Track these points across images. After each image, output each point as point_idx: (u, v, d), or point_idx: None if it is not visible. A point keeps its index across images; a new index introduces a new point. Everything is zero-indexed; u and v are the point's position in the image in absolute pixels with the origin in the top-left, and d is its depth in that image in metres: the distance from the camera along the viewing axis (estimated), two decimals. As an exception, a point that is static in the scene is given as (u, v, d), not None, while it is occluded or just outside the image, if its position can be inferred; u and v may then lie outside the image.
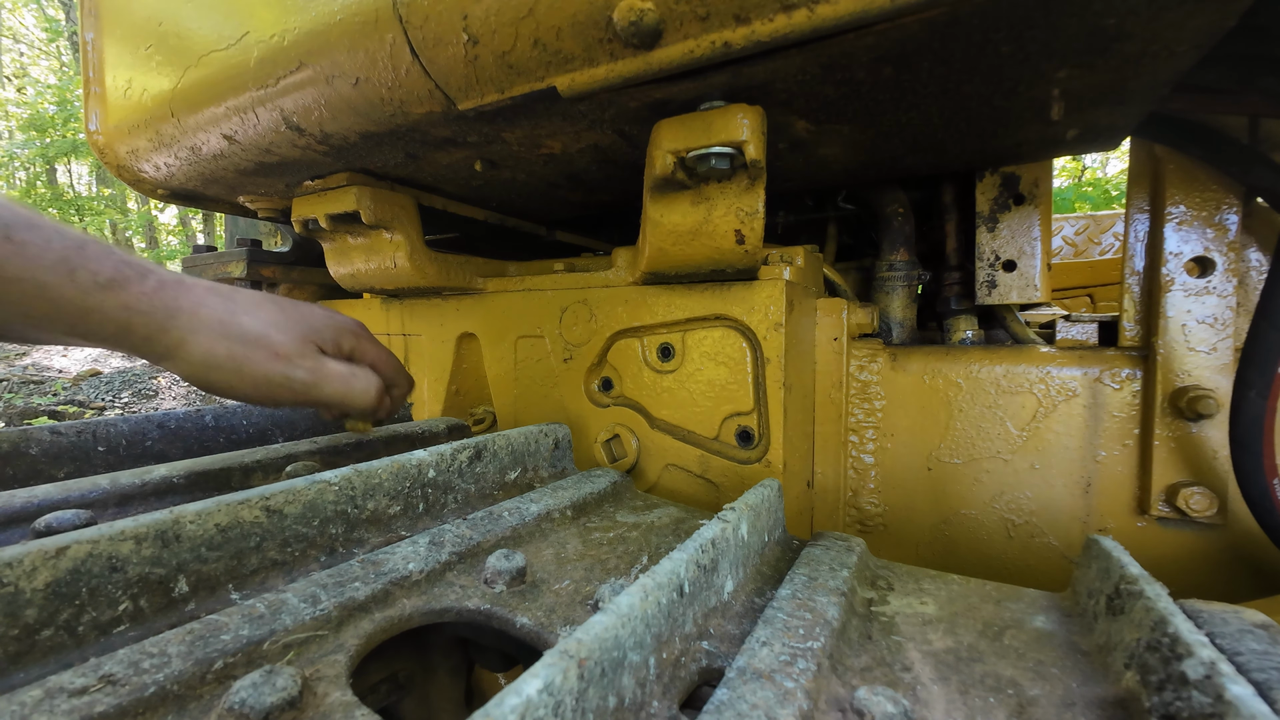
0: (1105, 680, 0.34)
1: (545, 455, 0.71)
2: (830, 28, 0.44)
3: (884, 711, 0.30)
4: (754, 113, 0.55)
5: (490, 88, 0.57)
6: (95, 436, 0.72)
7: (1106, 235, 2.06)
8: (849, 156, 0.76)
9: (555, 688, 0.23)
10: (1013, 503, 0.80)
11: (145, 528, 0.37)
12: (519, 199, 0.98)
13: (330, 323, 0.64)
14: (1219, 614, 0.35)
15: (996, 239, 0.84)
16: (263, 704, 0.28)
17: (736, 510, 0.45)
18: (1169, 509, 0.72)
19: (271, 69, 0.64)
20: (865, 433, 0.88)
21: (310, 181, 0.85)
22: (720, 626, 0.38)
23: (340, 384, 0.61)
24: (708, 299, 0.73)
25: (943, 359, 0.84)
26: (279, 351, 0.57)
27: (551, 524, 0.56)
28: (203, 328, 0.54)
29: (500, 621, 0.40)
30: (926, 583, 0.47)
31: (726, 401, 0.73)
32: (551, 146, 0.72)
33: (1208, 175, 0.70)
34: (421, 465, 0.55)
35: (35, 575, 0.33)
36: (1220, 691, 0.26)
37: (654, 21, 0.46)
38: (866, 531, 0.88)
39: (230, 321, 0.55)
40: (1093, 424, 0.76)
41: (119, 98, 0.79)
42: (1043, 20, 0.45)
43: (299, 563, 0.45)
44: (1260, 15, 0.48)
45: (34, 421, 3.63)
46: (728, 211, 0.61)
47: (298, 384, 0.58)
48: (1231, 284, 0.70)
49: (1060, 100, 0.59)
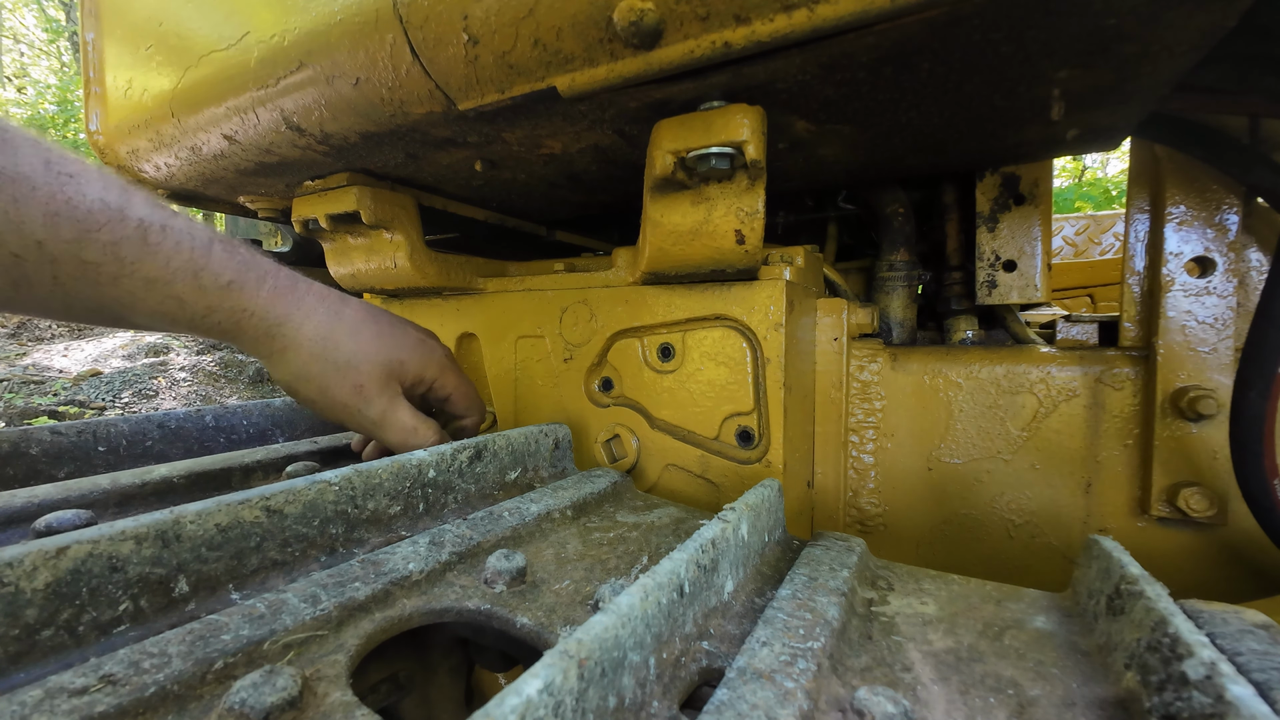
0: (1105, 680, 0.34)
1: (545, 455, 0.71)
2: (830, 28, 0.44)
3: (884, 711, 0.30)
4: (754, 113, 0.55)
5: (490, 88, 0.57)
6: (95, 436, 0.72)
7: (1107, 235, 2.06)
8: (849, 156, 0.76)
9: (555, 688, 0.23)
10: (1013, 503, 0.80)
11: (145, 528, 0.37)
12: (519, 199, 0.98)
13: (419, 354, 0.67)
14: (1219, 614, 0.35)
15: (997, 239, 0.84)
16: (263, 704, 0.28)
17: (737, 510, 0.45)
18: (1169, 509, 0.72)
19: (272, 69, 0.64)
20: (865, 433, 0.88)
21: (310, 181, 0.85)
22: (720, 626, 0.38)
23: (401, 435, 0.64)
24: (708, 299, 0.73)
25: (943, 359, 0.84)
26: (360, 384, 0.61)
27: (552, 524, 0.56)
28: (304, 342, 0.57)
29: (500, 621, 0.40)
30: (927, 583, 0.47)
31: (727, 401, 0.73)
32: (552, 146, 0.72)
33: (1208, 175, 0.70)
34: (422, 465, 0.55)
35: (35, 575, 0.33)
36: (1221, 692, 0.26)
37: (654, 21, 0.46)
38: (867, 531, 0.88)
39: (328, 341, 0.59)
40: (1093, 424, 0.76)
41: (119, 98, 0.79)
42: (1043, 20, 0.45)
43: (299, 563, 0.45)
44: (1260, 15, 0.48)
45: (34, 421, 3.63)
46: (728, 211, 0.61)
47: (367, 421, 0.62)
48: (1232, 284, 0.70)
49: (1060, 100, 0.59)
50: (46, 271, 0.41)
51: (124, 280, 0.45)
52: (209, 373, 4.36)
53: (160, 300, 0.48)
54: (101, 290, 0.44)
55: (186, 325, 0.51)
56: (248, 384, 4.40)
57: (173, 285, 0.48)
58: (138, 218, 0.45)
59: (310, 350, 0.58)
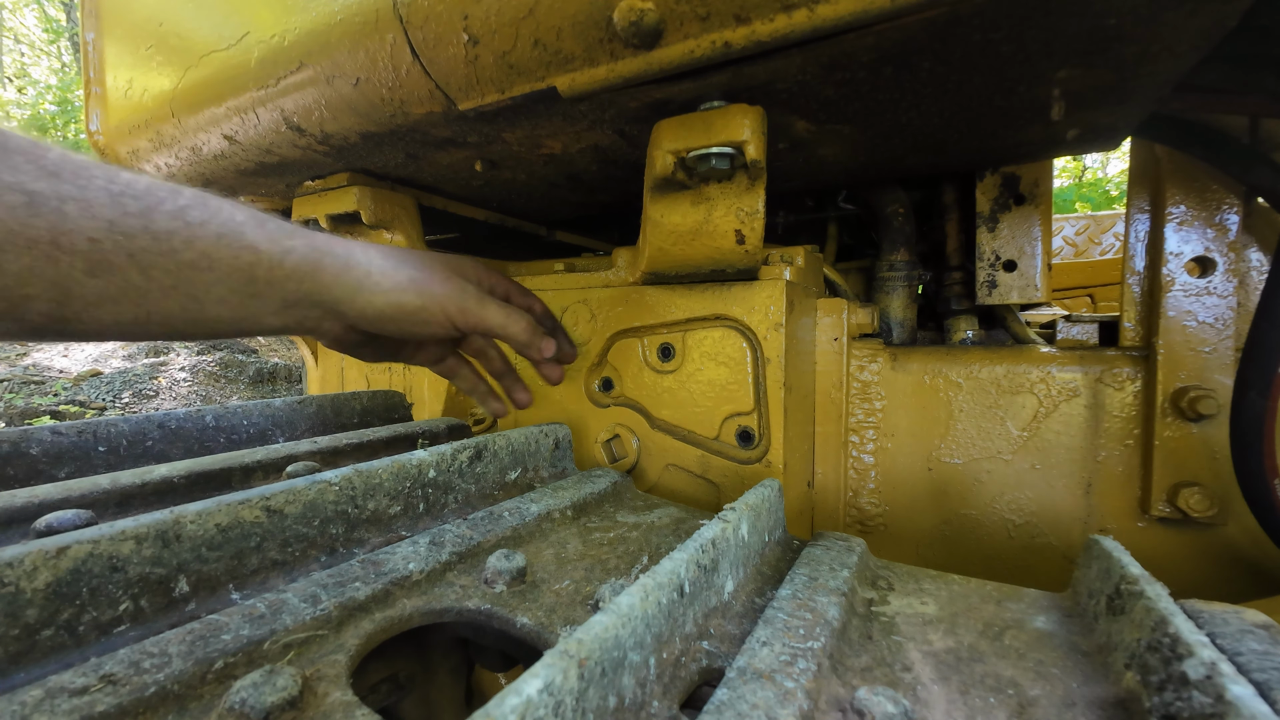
0: (1106, 680, 0.34)
1: (545, 455, 0.71)
2: (830, 28, 0.44)
3: (884, 712, 0.30)
4: (754, 113, 0.55)
5: (490, 88, 0.57)
6: (96, 436, 0.72)
7: (1107, 235, 2.06)
8: (849, 156, 0.76)
9: (555, 687, 0.23)
10: (1013, 503, 0.80)
11: (146, 528, 0.37)
12: (519, 199, 0.98)
13: (485, 271, 0.68)
14: (1220, 614, 0.35)
15: (997, 239, 0.84)
16: (263, 704, 0.28)
17: (737, 510, 0.45)
18: (1170, 509, 0.72)
19: (272, 69, 0.64)
20: (865, 433, 0.88)
21: (311, 182, 0.85)
22: (720, 626, 0.38)
23: (501, 314, 0.64)
24: (708, 299, 0.73)
25: (943, 359, 0.84)
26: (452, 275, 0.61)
27: (552, 524, 0.56)
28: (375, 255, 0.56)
29: (500, 621, 0.40)
30: (927, 583, 0.47)
31: (727, 401, 0.73)
32: (552, 146, 0.72)
33: (1208, 175, 0.70)
34: (422, 465, 0.55)
35: (36, 575, 0.33)
36: (1221, 692, 0.26)
37: (654, 21, 0.46)
38: (867, 531, 0.88)
39: (401, 258, 0.58)
40: (1093, 424, 0.76)
41: (120, 98, 0.79)
42: (1043, 20, 0.45)
43: (299, 563, 0.45)
44: (1261, 15, 0.48)
45: (35, 421, 3.64)
46: (728, 211, 0.61)
47: (470, 303, 0.61)
48: (1232, 284, 0.70)
49: (1061, 100, 0.59)
50: (122, 249, 0.40)
51: (197, 241, 0.44)
52: (209, 373, 4.36)
53: (235, 253, 0.46)
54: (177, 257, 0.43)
55: (265, 279, 0.49)
56: (248, 384, 4.40)
57: (243, 234, 0.47)
58: (189, 189, 0.46)
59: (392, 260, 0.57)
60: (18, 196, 0.36)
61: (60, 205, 0.38)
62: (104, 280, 0.40)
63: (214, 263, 0.46)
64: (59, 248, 0.38)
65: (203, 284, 0.46)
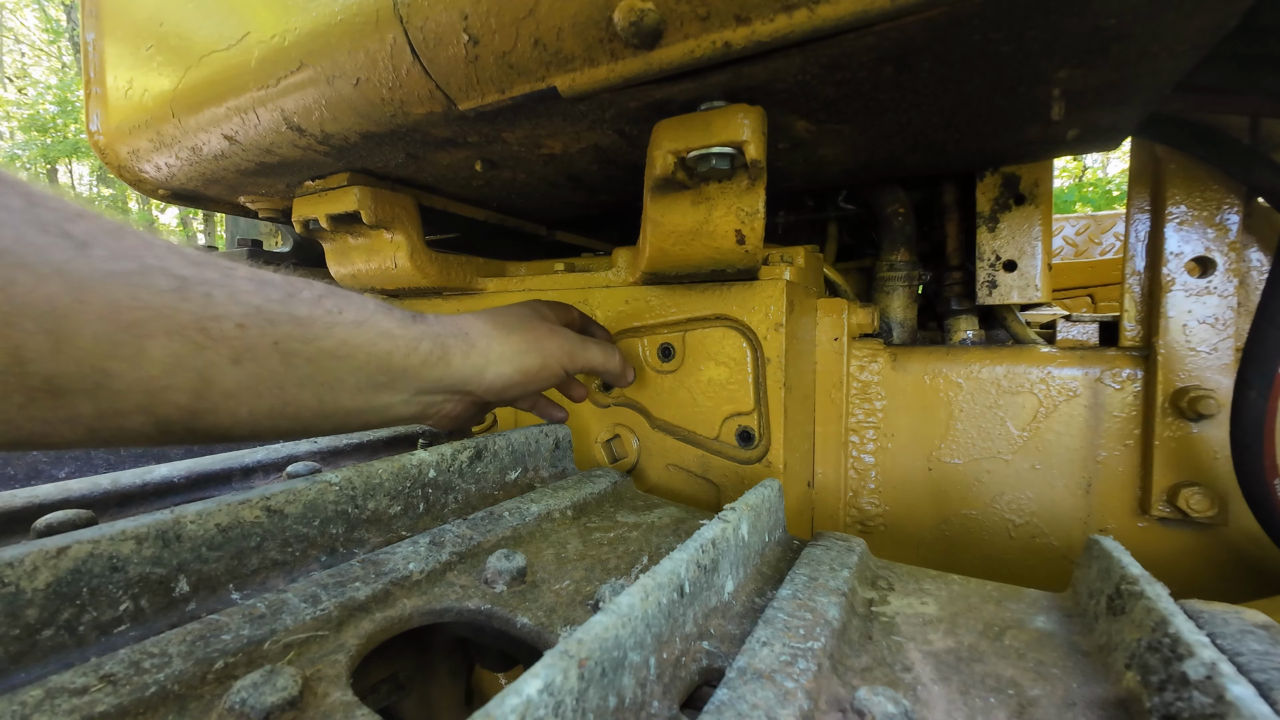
0: (1106, 680, 0.34)
1: (546, 455, 0.71)
2: (830, 28, 0.44)
3: (884, 712, 0.30)
4: (754, 113, 0.55)
5: (491, 88, 0.57)
6: (96, 436, 0.72)
7: (1107, 235, 2.06)
8: (849, 156, 0.76)
9: (555, 687, 0.23)
10: (1013, 503, 0.80)
11: (146, 528, 0.37)
12: (519, 199, 0.98)
13: (558, 308, 0.70)
14: (1220, 614, 0.35)
15: (997, 239, 0.83)
16: (263, 704, 0.28)
17: (737, 510, 0.45)
18: (1170, 509, 0.72)
19: (272, 69, 0.64)
20: (866, 433, 0.88)
21: (311, 182, 0.85)
22: (721, 626, 0.38)
23: (603, 351, 0.67)
24: (708, 299, 0.73)
25: (943, 359, 0.84)
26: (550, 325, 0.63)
27: (552, 524, 0.56)
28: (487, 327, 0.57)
29: (500, 621, 0.40)
30: (927, 583, 0.47)
31: (727, 401, 0.73)
32: (552, 146, 0.72)
33: (1209, 175, 0.70)
34: (422, 465, 0.55)
35: (36, 575, 0.33)
36: (1221, 692, 0.26)
37: (654, 21, 0.46)
38: (867, 531, 0.88)
39: (498, 317, 0.60)
40: (1093, 424, 0.76)
41: (120, 98, 0.79)
42: (1043, 20, 0.45)
43: (299, 563, 0.45)
44: (1261, 15, 0.48)
45: (35, 422, 3.62)
46: (728, 211, 0.61)
47: (576, 349, 0.63)
48: (1232, 284, 0.70)
49: (1061, 100, 0.59)
50: (268, 335, 0.39)
51: (337, 328, 0.43)
52: (209, 373, 4.35)
53: (373, 340, 0.46)
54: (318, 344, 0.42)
55: (400, 367, 0.48)
56: (248, 384, 4.39)
57: (379, 322, 0.46)
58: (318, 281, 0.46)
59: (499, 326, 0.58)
60: (168, 280, 0.35)
61: (208, 290, 0.36)
62: (247, 369, 0.39)
63: (353, 350, 0.45)
64: (207, 334, 0.36)
65: (338, 373, 0.44)
